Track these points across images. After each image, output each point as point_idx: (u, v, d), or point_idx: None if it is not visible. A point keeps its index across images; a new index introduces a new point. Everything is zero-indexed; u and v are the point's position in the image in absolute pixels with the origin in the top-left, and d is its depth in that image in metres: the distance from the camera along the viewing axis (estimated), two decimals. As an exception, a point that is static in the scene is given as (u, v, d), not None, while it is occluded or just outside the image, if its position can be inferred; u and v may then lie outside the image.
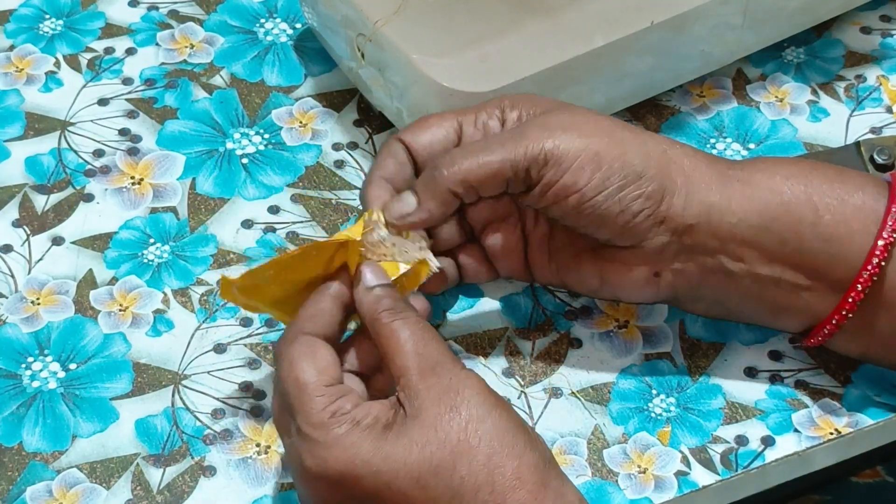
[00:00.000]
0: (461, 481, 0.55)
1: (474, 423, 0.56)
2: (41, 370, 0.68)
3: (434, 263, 0.65)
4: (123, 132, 0.78)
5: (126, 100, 0.80)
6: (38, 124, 0.78)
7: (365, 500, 0.57)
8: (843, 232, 0.63)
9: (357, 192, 0.75)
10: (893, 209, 0.62)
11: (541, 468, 0.56)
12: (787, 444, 0.67)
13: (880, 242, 0.62)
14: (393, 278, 0.63)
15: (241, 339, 0.70)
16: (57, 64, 0.82)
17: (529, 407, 0.67)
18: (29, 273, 0.72)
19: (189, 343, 0.70)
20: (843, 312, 0.64)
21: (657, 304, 0.69)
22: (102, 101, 0.80)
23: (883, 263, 0.62)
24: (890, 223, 0.62)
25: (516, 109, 0.66)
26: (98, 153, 0.77)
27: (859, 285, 0.63)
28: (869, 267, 0.62)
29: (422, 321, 0.60)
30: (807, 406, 0.68)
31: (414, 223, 0.64)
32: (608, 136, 0.63)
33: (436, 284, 0.67)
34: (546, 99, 0.67)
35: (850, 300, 0.63)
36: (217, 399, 0.67)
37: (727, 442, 0.67)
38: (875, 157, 0.75)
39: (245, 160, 0.77)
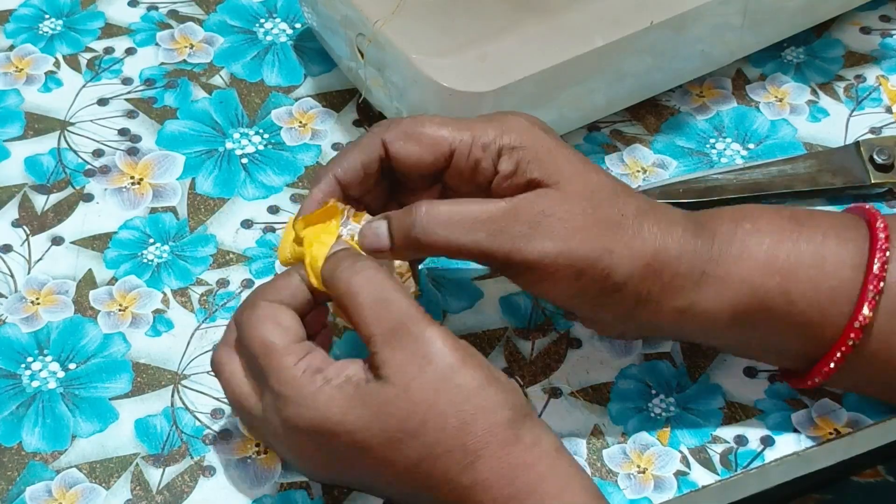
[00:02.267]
0: (433, 443, 0.57)
1: (442, 387, 0.57)
2: (41, 370, 0.68)
3: (412, 289, 0.64)
4: (123, 132, 0.78)
5: (126, 100, 0.80)
6: (37, 124, 0.78)
7: (342, 454, 0.58)
8: (817, 317, 0.62)
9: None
10: (870, 288, 0.62)
11: (513, 421, 0.57)
12: (786, 444, 0.66)
13: (856, 324, 0.62)
14: None
15: (240, 339, 0.70)
16: (56, 64, 0.82)
17: (529, 407, 0.68)
18: (28, 273, 0.72)
19: (189, 343, 0.70)
20: (816, 380, 0.64)
21: None
22: (102, 101, 0.80)
23: (857, 343, 0.62)
24: (863, 315, 0.62)
25: (514, 157, 0.62)
26: (98, 153, 0.77)
27: (832, 363, 0.63)
28: (843, 348, 0.62)
29: (379, 276, 0.59)
30: (806, 406, 0.68)
31: (382, 258, 0.63)
32: (598, 242, 0.61)
33: None
34: (545, 144, 0.63)
35: (822, 372, 0.64)
36: (217, 399, 0.67)
37: (727, 442, 0.67)
38: (875, 157, 0.75)
39: (245, 160, 0.77)
